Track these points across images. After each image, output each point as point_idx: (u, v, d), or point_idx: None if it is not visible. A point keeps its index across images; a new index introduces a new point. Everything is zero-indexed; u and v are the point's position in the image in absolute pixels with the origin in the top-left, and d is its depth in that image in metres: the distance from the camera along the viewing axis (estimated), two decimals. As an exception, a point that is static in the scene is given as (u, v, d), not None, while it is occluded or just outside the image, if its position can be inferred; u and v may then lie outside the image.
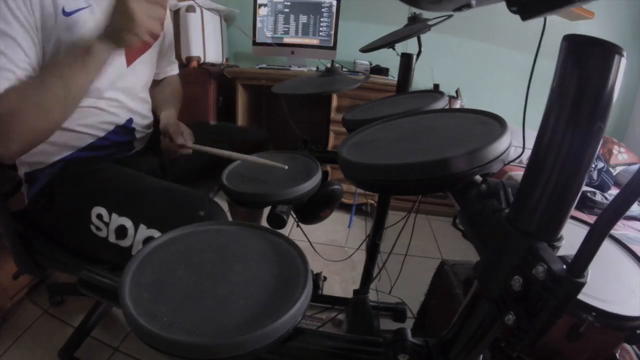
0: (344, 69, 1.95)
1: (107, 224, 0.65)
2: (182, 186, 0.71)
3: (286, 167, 0.64)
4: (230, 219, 0.68)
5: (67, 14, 0.64)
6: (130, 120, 0.83)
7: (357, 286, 1.27)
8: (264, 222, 0.62)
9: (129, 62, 0.79)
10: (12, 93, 0.58)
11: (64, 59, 0.62)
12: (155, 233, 0.63)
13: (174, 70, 1.04)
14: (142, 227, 0.63)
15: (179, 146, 0.80)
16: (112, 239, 0.65)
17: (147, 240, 0.63)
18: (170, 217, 0.64)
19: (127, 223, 0.64)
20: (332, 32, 1.90)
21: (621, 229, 1.39)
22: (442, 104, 0.66)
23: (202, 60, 1.82)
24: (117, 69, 0.77)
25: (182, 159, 0.85)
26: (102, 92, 0.75)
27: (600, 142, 0.25)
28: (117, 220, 0.65)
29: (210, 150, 0.75)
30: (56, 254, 0.74)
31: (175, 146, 0.80)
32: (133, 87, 0.83)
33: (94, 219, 0.66)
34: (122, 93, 0.79)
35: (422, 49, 0.88)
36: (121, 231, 0.64)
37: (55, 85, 0.60)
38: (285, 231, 0.48)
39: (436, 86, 1.87)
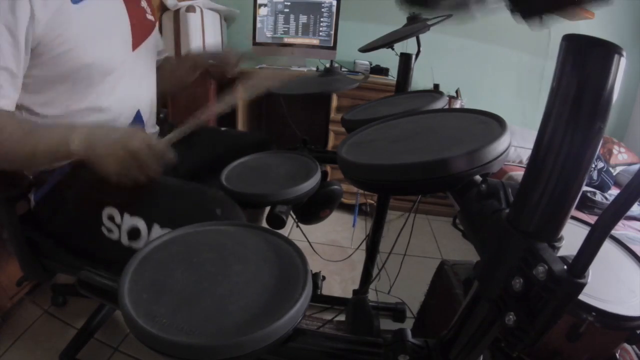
0: (343, 69, 1.95)
1: (118, 226, 0.63)
2: (196, 183, 0.68)
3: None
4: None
5: (75, 1, 0.63)
6: (138, 114, 0.81)
7: (356, 286, 1.27)
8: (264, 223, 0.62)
9: (135, 45, 0.77)
10: None
11: (52, 131, 0.62)
12: None
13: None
14: (155, 227, 0.61)
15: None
16: (124, 241, 0.63)
17: None
18: (185, 215, 0.61)
19: (140, 223, 0.61)
20: (332, 32, 1.89)
21: (621, 229, 1.39)
22: (441, 104, 0.65)
23: (202, 60, 1.82)
24: (123, 52, 0.74)
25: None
26: (110, 80, 0.72)
27: (600, 142, 0.25)
28: (129, 220, 0.62)
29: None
30: (65, 257, 0.71)
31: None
32: (138, 72, 0.80)
33: (105, 220, 0.64)
34: (128, 77, 0.76)
35: (421, 48, 0.88)
36: (134, 232, 0.62)
37: (26, 143, 0.60)
38: (285, 231, 0.48)
39: (436, 86, 1.86)
